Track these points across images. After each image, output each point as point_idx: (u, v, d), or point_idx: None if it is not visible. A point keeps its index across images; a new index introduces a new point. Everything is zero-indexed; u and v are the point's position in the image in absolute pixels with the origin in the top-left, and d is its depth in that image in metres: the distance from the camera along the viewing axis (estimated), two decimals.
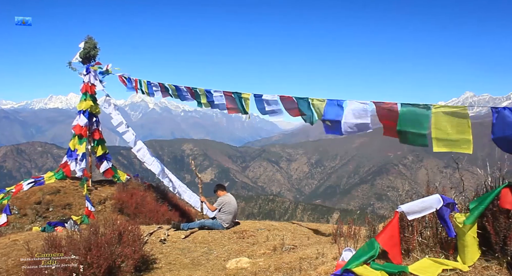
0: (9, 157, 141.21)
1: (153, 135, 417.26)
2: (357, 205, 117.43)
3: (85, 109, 12.57)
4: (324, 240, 6.55)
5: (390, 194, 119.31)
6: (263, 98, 7.17)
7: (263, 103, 7.24)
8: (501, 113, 3.92)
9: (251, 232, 7.51)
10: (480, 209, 3.36)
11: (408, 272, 3.37)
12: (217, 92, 8.32)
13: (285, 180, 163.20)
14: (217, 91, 8.32)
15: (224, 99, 8.16)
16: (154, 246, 6.91)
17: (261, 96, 7.21)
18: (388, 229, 3.66)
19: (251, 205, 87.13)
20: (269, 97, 7.09)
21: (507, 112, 3.87)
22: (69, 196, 11.58)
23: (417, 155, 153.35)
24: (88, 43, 12.88)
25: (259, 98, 7.26)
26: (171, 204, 13.28)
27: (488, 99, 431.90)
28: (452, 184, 4.20)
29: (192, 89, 9.17)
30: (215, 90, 8.39)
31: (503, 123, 3.89)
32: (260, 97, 7.23)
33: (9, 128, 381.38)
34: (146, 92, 11.33)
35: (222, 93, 8.18)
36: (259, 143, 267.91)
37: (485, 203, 3.36)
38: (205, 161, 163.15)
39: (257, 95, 7.30)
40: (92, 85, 12.79)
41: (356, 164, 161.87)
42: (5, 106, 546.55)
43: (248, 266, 5.16)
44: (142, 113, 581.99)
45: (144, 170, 19.95)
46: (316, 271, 4.09)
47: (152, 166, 13.41)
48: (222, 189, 8.50)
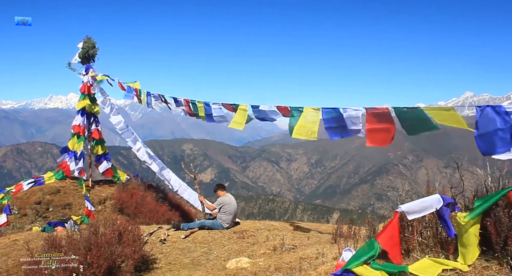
0: (9, 157, 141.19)
1: (153, 135, 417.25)
2: (357, 205, 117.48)
3: (81, 108, 12.61)
4: (324, 240, 6.55)
5: (390, 194, 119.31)
6: (260, 109, 7.15)
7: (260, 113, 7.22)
8: (485, 111, 3.99)
9: (251, 232, 7.51)
10: (484, 206, 3.36)
11: (408, 272, 3.37)
12: (216, 104, 8.23)
13: (285, 180, 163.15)
14: (216, 103, 8.24)
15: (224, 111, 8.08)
16: (154, 246, 6.91)
17: (258, 107, 7.19)
18: (388, 229, 3.66)
19: (251, 205, 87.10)
20: (266, 108, 7.07)
21: (490, 110, 3.92)
22: (69, 196, 11.58)
23: (417, 155, 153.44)
24: (86, 43, 12.91)
25: (256, 109, 7.23)
26: (171, 204, 13.28)
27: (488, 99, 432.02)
28: (452, 184, 4.20)
29: (191, 101, 9.04)
30: (214, 103, 8.24)
31: (486, 120, 3.96)
32: (257, 108, 7.21)
33: (9, 128, 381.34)
34: (144, 102, 11.19)
35: (220, 105, 8.10)
36: (259, 143, 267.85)
37: (490, 202, 3.35)
38: (205, 161, 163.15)
39: (254, 107, 7.28)
40: (91, 85, 12.80)
41: (356, 164, 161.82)
42: (5, 106, 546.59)
43: (248, 266, 5.16)
44: (142, 113, 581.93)
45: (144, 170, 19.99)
46: (316, 271, 4.09)
47: (152, 165, 13.42)
48: (222, 189, 8.49)
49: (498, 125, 3.86)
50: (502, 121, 3.84)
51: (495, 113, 3.89)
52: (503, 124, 3.84)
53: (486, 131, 3.98)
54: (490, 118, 3.91)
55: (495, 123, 3.88)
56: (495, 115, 3.89)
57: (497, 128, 3.86)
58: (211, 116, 8.42)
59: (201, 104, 8.61)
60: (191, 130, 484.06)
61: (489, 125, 3.93)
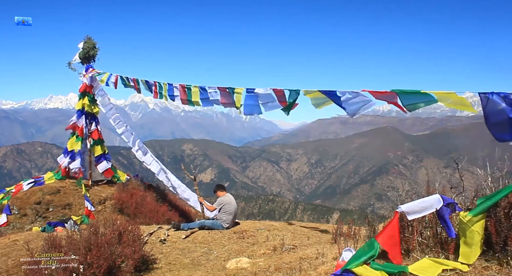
0: (9, 157, 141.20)
1: (153, 135, 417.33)
2: (357, 205, 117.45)
3: (80, 108, 12.61)
4: (324, 240, 6.55)
5: (390, 194, 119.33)
6: (256, 92, 7.16)
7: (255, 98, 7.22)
8: (490, 100, 3.96)
9: (251, 232, 7.51)
10: (487, 204, 3.35)
11: (408, 272, 3.36)
12: (211, 88, 8.29)
13: (285, 180, 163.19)
14: (211, 88, 8.29)
15: (219, 95, 8.14)
16: (154, 246, 6.91)
17: (253, 90, 7.20)
18: (388, 229, 3.66)
19: (251, 205, 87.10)
20: (261, 91, 7.08)
21: (496, 98, 3.90)
22: (69, 196, 11.58)
23: (417, 155, 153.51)
24: (87, 43, 12.90)
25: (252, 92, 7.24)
26: (171, 204, 13.28)
27: None
28: (452, 184, 4.20)
29: (186, 86, 9.05)
30: (209, 87, 8.35)
31: (493, 109, 3.93)
32: (253, 91, 7.21)
33: (9, 128, 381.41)
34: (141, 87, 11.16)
35: (216, 88, 8.17)
36: (259, 143, 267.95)
37: (492, 200, 3.34)
38: (205, 161, 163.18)
39: (249, 90, 7.29)
40: (90, 85, 12.79)
41: (356, 164, 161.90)
42: (5, 106, 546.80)
43: (248, 266, 5.16)
44: (142, 113, 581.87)
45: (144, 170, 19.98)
46: (316, 271, 4.09)
47: (152, 166, 13.42)
48: (221, 189, 8.49)
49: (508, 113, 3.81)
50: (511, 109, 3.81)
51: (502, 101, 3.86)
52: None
53: (496, 119, 3.93)
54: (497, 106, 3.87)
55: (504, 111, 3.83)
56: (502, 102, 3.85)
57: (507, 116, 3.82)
58: (207, 100, 8.46)
59: (197, 88, 8.65)
60: (191, 130, 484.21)
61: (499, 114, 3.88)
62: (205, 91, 8.43)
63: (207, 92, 8.37)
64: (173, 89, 9.50)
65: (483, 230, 3.36)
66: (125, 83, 11.53)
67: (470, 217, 3.36)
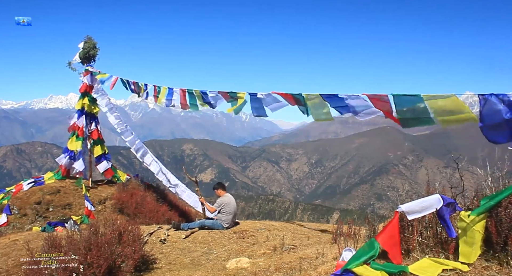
0: (9, 157, 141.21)
1: (153, 135, 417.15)
2: (357, 205, 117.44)
3: (80, 108, 12.61)
4: (324, 240, 6.55)
5: (390, 194, 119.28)
6: (258, 97, 7.18)
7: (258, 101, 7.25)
8: (488, 101, 3.96)
9: (251, 232, 7.51)
10: (489, 204, 3.34)
11: (408, 272, 3.36)
12: (212, 92, 8.30)
13: (285, 180, 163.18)
14: (212, 92, 8.30)
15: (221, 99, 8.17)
16: (154, 246, 6.91)
17: (256, 95, 7.22)
18: (388, 229, 3.66)
19: (251, 205, 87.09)
20: (264, 96, 7.11)
21: (494, 99, 3.89)
22: (69, 196, 11.58)
23: (417, 155, 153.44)
24: (87, 43, 12.89)
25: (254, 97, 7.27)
26: (171, 204, 13.28)
27: None
28: (452, 184, 4.19)
29: (187, 90, 9.07)
30: (210, 91, 8.37)
31: (491, 110, 3.93)
32: (255, 95, 7.24)
33: (9, 128, 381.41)
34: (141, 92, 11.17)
35: (217, 93, 8.18)
36: (259, 143, 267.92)
37: (495, 200, 3.34)
38: (205, 161, 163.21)
39: (252, 94, 7.32)
40: (90, 85, 12.79)
41: (356, 164, 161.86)
42: (5, 106, 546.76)
43: (248, 266, 5.16)
44: (142, 113, 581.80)
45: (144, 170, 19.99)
46: (316, 271, 4.09)
47: (151, 166, 13.42)
48: (222, 188, 8.45)
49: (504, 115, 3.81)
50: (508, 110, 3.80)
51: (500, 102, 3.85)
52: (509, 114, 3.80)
53: (492, 120, 3.93)
54: (495, 107, 3.87)
55: (501, 112, 3.84)
56: (500, 104, 3.85)
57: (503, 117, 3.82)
58: (210, 104, 8.56)
59: (199, 93, 8.76)
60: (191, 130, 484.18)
61: (495, 115, 3.88)
62: (206, 95, 8.44)
63: (208, 97, 8.39)
64: (173, 93, 9.54)
65: (483, 230, 3.36)
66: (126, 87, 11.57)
67: (474, 216, 3.35)
